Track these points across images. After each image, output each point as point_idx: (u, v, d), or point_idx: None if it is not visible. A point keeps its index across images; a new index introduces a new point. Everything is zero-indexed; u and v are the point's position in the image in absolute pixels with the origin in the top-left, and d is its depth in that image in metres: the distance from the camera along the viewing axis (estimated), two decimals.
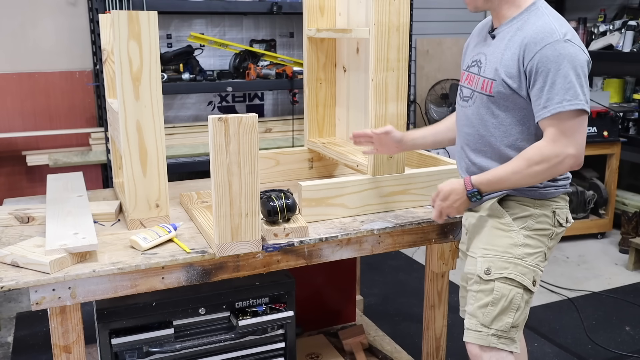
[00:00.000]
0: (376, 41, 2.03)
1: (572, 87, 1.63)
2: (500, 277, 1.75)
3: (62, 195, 2.17)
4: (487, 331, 1.76)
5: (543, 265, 1.80)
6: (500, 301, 1.75)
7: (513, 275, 1.74)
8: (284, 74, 4.23)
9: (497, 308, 1.75)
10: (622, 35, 4.54)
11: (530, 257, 1.76)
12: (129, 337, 1.98)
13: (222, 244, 1.77)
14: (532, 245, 1.77)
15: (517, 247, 1.76)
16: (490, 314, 1.75)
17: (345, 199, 2.08)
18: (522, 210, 1.78)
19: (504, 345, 1.75)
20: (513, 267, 1.75)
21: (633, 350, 2.97)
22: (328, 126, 2.63)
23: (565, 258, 4.14)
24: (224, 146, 1.70)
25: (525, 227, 1.77)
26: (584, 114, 1.66)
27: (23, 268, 1.67)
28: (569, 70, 1.63)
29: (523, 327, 1.84)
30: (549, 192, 1.78)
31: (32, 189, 4.38)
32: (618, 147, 4.35)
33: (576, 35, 1.70)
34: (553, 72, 1.64)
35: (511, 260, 1.75)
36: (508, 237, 1.77)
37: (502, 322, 1.75)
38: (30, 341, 3.06)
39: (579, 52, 1.66)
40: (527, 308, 1.80)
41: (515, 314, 1.75)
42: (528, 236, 1.77)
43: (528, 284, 1.75)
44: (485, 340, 1.76)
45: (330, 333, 2.82)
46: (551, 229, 1.79)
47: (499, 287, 1.75)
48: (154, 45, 1.87)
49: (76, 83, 4.42)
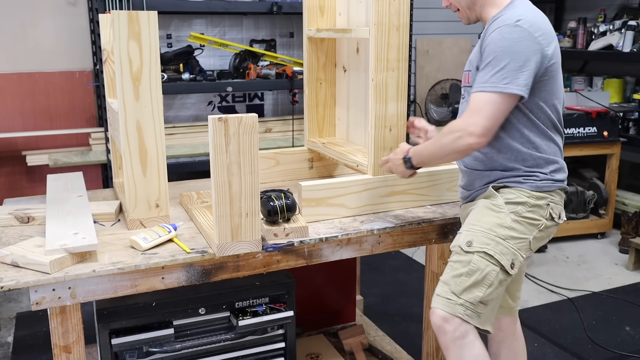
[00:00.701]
0: (376, 41, 2.03)
1: (499, 70, 1.67)
2: (480, 251, 1.77)
3: (62, 195, 2.17)
4: (456, 300, 1.76)
5: (526, 254, 1.82)
6: (475, 273, 1.76)
7: (492, 252, 1.76)
8: (284, 74, 4.23)
9: (470, 279, 1.76)
10: (622, 35, 4.54)
11: (514, 240, 1.78)
12: (129, 337, 1.98)
13: (222, 244, 1.77)
14: (518, 230, 1.79)
15: (503, 227, 1.78)
16: (462, 284, 1.76)
17: (345, 199, 2.08)
18: (516, 197, 1.80)
19: (469, 317, 1.75)
20: (494, 245, 1.77)
21: (633, 350, 2.97)
22: (328, 126, 2.63)
23: (565, 258, 4.14)
24: (224, 146, 1.70)
25: (515, 212, 1.79)
26: (502, 97, 1.68)
27: (23, 268, 1.67)
28: (503, 54, 1.68)
29: (494, 310, 1.83)
30: (545, 185, 1.81)
31: (32, 189, 4.38)
32: (618, 147, 4.35)
33: (535, 23, 1.72)
34: (490, 53, 1.70)
35: (494, 238, 1.78)
36: (496, 217, 1.80)
37: (472, 294, 1.76)
38: (30, 341, 3.06)
39: (525, 38, 1.68)
40: (501, 289, 1.80)
41: (487, 289, 1.75)
42: (516, 221, 1.79)
43: (506, 264, 1.77)
44: (451, 309, 1.75)
45: (330, 333, 2.82)
46: (541, 221, 1.81)
47: (476, 260, 1.76)
48: (154, 45, 1.87)
49: (76, 83, 4.42)
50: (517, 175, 1.82)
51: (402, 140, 2.16)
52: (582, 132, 4.19)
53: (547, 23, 1.78)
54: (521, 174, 1.82)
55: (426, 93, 5.49)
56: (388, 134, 2.12)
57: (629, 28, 4.48)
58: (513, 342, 2.11)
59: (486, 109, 1.69)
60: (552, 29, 1.79)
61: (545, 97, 1.79)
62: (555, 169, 1.85)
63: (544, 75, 1.75)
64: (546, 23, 1.77)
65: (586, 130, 4.20)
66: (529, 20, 1.71)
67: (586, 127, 4.20)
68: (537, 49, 1.70)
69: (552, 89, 1.80)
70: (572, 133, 4.17)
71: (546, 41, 1.72)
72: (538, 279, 3.76)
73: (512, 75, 1.67)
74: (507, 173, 1.84)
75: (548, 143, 1.83)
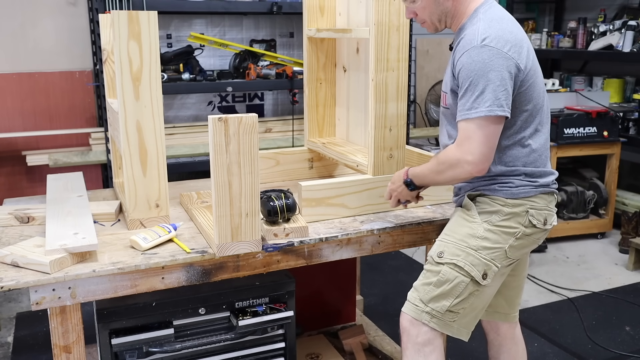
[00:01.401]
0: (376, 41, 2.03)
1: (479, 94, 1.66)
2: (450, 262, 1.79)
3: (62, 195, 2.17)
4: (423, 307, 1.80)
5: (502, 263, 1.80)
6: (444, 284, 1.78)
7: (462, 263, 1.77)
8: (284, 74, 4.23)
9: (438, 290, 1.79)
10: (622, 35, 4.54)
11: (486, 250, 1.78)
12: (129, 337, 1.98)
13: (222, 244, 1.77)
14: (492, 239, 1.78)
15: (475, 238, 1.79)
16: (430, 293, 1.80)
17: (345, 199, 2.08)
18: (490, 206, 1.81)
19: (436, 325, 1.79)
20: (465, 256, 1.78)
21: (633, 350, 2.97)
22: (328, 126, 2.63)
23: (565, 258, 4.14)
24: (224, 146, 1.70)
25: (488, 221, 1.79)
26: (488, 120, 1.67)
27: (23, 268, 1.67)
28: (478, 77, 1.66)
29: (475, 318, 1.85)
30: (522, 192, 1.79)
31: (32, 189, 4.38)
32: (618, 147, 4.35)
33: (500, 37, 1.68)
34: (465, 78, 1.68)
35: (464, 249, 1.78)
36: (468, 227, 1.81)
37: (439, 303, 1.79)
38: (30, 341, 3.06)
39: (495, 57, 1.66)
40: (477, 300, 1.81)
41: (454, 300, 1.77)
42: (489, 230, 1.78)
43: (476, 275, 1.77)
44: (418, 315, 1.81)
45: (330, 333, 2.82)
46: (518, 228, 1.79)
47: (445, 271, 1.79)
48: (154, 45, 1.87)
49: (76, 83, 4.42)
50: (493, 183, 1.82)
51: (402, 140, 2.16)
52: (582, 132, 4.19)
53: (513, 30, 1.73)
54: (496, 182, 1.81)
55: (426, 93, 5.49)
56: (388, 134, 2.12)
57: (629, 28, 4.48)
58: (512, 347, 2.11)
59: (477, 135, 1.68)
60: (518, 33, 1.74)
61: (521, 105, 1.76)
62: (535, 174, 1.80)
63: (522, 86, 1.73)
64: (511, 31, 1.72)
65: (586, 130, 4.20)
66: (494, 37, 1.68)
67: (586, 127, 4.20)
68: (510, 65, 1.68)
69: (531, 95, 1.76)
70: (572, 133, 4.17)
71: (517, 52, 1.69)
72: (538, 279, 3.76)
73: (493, 96, 1.66)
74: (483, 181, 1.84)
75: (522, 149, 1.79)
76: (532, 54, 1.78)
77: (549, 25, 5.84)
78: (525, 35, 1.79)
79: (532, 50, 1.79)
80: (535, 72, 1.78)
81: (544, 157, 1.84)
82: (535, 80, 1.77)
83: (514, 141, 1.79)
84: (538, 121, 1.80)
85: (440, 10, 1.85)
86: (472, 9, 1.81)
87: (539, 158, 1.81)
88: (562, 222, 4.30)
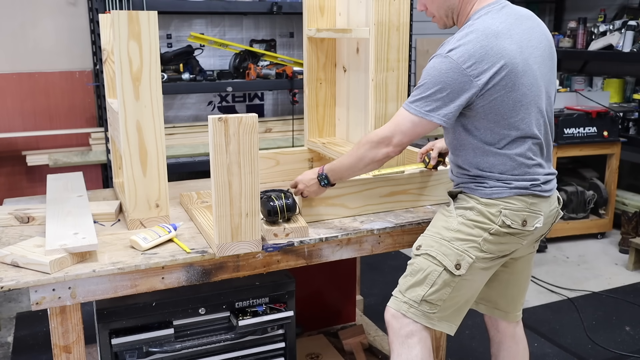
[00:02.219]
0: (376, 41, 2.03)
1: (425, 96, 1.74)
2: (424, 253, 1.85)
3: (62, 195, 2.17)
4: (401, 297, 1.85)
5: (479, 255, 1.81)
6: (417, 273, 1.84)
7: (435, 253, 1.82)
8: (284, 74, 4.23)
9: (413, 279, 1.84)
10: (622, 35, 4.54)
11: (459, 241, 1.82)
12: (129, 337, 1.98)
13: (222, 244, 1.77)
14: (465, 232, 1.82)
15: (449, 230, 1.84)
16: (406, 283, 1.86)
17: (345, 199, 2.08)
18: (466, 203, 1.86)
19: (413, 315, 1.83)
20: (438, 247, 1.83)
21: (633, 350, 2.97)
22: (328, 126, 2.63)
23: (565, 258, 4.14)
24: (224, 146, 1.70)
25: (462, 215, 1.84)
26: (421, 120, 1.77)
27: (23, 268, 1.67)
28: (432, 82, 1.73)
29: (457, 312, 1.87)
30: (494, 192, 1.81)
31: (32, 189, 4.38)
32: (618, 147, 4.35)
33: (468, 51, 1.69)
34: (423, 78, 1.78)
35: (438, 240, 1.84)
36: (444, 221, 1.87)
37: (414, 292, 1.83)
38: (30, 341, 3.06)
39: (452, 69, 1.71)
40: (454, 292, 1.82)
41: (429, 289, 1.81)
42: (462, 223, 1.83)
43: (449, 264, 1.80)
44: (397, 306, 1.86)
45: (330, 333, 2.82)
46: (491, 226, 1.80)
47: (419, 261, 1.85)
48: (154, 45, 1.87)
49: (76, 83, 4.42)
50: (471, 182, 1.86)
51: None
52: (582, 132, 4.19)
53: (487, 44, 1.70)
54: (474, 182, 1.86)
55: None
56: None
57: (629, 28, 4.48)
58: (512, 346, 2.11)
59: (407, 126, 1.79)
60: (494, 47, 1.69)
61: (498, 116, 1.75)
62: (510, 178, 1.80)
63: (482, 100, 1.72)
64: (485, 46, 1.69)
65: (586, 130, 4.20)
66: (461, 50, 1.69)
67: (586, 127, 4.20)
68: (464, 81, 1.70)
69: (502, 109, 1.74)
70: (572, 133, 4.17)
71: (479, 69, 1.69)
72: (538, 279, 3.76)
73: (435, 104, 1.74)
74: (464, 179, 1.89)
75: (499, 158, 1.79)
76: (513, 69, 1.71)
77: (549, 25, 5.84)
78: (512, 48, 1.72)
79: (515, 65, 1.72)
80: (514, 86, 1.73)
81: (528, 163, 1.81)
82: (509, 96, 1.73)
83: (488, 150, 1.80)
84: (515, 134, 1.78)
85: (447, 6, 1.87)
86: (474, 11, 1.82)
87: (519, 165, 1.80)
88: (562, 222, 4.30)
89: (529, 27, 1.81)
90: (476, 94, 1.72)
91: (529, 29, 1.80)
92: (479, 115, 1.77)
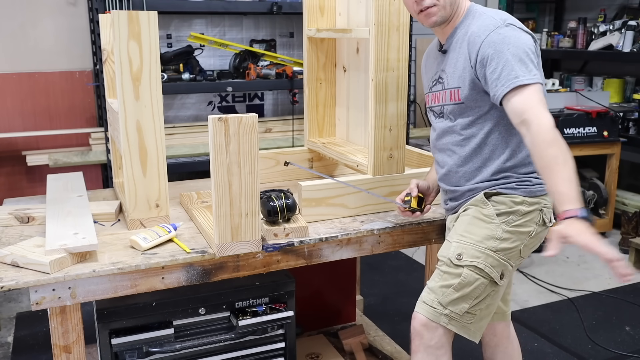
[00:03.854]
0: (376, 41, 2.03)
1: (522, 64, 1.67)
2: (470, 264, 1.76)
3: (62, 195, 2.17)
4: (442, 310, 1.77)
5: (516, 262, 1.81)
6: (464, 287, 1.75)
7: (483, 265, 1.75)
8: (284, 74, 4.23)
9: (458, 292, 1.76)
10: (622, 35, 4.54)
11: (504, 252, 1.77)
12: (129, 337, 1.98)
13: (222, 244, 1.77)
14: (509, 240, 1.77)
15: (494, 239, 1.77)
16: (450, 296, 1.76)
17: (345, 199, 2.08)
18: (507, 207, 1.78)
19: (453, 327, 1.77)
20: (485, 258, 1.76)
21: (633, 350, 2.97)
22: (328, 126, 2.63)
23: (565, 258, 4.14)
24: (224, 146, 1.70)
25: (506, 222, 1.77)
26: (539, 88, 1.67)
27: (23, 268, 1.67)
28: (517, 49, 1.68)
29: (488, 319, 1.84)
30: (539, 189, 1.79)
31: (32, 189, 4.38)
32: (618, 147, 4.35)
33: (516, 21, 1.78)
34: (504, 52, 1.68)
35: (484, 250, 1.76)
36: (487, 229, 1.78)
37: (458, 306, 1.76)
38: (30, 341, 3.06)
39: (522, 34, 1.73)
40: (491, 300, 1.80)
41: (474, 301, 1.76)
42: (507, 231, 1.77)
43: (495, 276, 1.76)
44: (436, 317, 1.77)
45: (330, 333, 2.82)
46: (532, 228, 1.79)
47: (466, 273, 1.76)
48: (154, 45, 1.87)
49: (76, 83, 4.42)
50: (510, 181, 1.80)
51: (402, 140, 2.16)
52: (582, 132, 4.19)
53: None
54: (514, 180, 1.79)
55: None
56: (388, 134, 2.12)
57: (629, 28, 4.48)
58: (508, 346, 2.11)
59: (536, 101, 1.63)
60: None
61: None
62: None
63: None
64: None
65: (586, 130, 4.20)
66: (514, 20, 1.78)
67: (586, 127, 4.20)
68: (532, 42, 1.75)
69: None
70: (572, 133, 4.17)
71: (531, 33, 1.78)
72: (538, 279, 3.76)
73: (532, 66, 1.68)
74: (499, 180, 1.81)
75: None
76: None
77: (549, 25, 5.84)
78: None
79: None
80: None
81: None
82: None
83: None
84: None
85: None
86: (465, 9, 1.85)
87: None
88: None
89: None
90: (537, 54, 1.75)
91: None
92: None
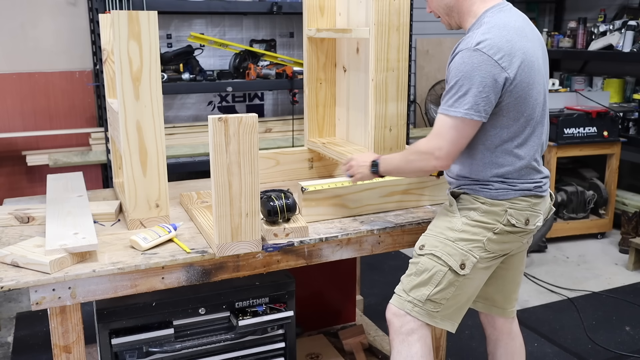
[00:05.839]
0: (376, 41, 2.03)
1: (461, 95, 1.71)
2: (429, 253, 1.85)
3: (62, 195, 2.17)
4: (405, 297, 1.86)
5: (482, 255, 1.84)
6: (422, 273, 1.84)
7: (440, 253, 1.83)
8: (284, 74, 4.23)
9: (418, 278, 1.85)
10: (622, 35, 4.54)
11: (464, 242, 1.83)
12: (129, 337, 1.98)
13: (222, 244, 1.77)
14: (469, 232, 1.83)
15: (453, 230, 1.85)
16: (411, 282, 1.86)
17: (345, 199, 2.08)
18: (469, 203, 1.86)
19: (417, 314, 1.84)
20: (442, 247, 1.84)
21: (633, 350, 2.97)
22: (328, 126, 2.63)
23: (565, 258, 4.14)
24: (224, 146, 1.70)
25: (466, 216, 1.85)
26: (463, 121, 1.72)
27: (23, 268, 1.67)
28: (465, 79, 1.70)
29: (460, 310, 1.89)
30: (500, 194, 1.82)
31: (32, 189, 4.38)
32: (618, 147, 4.35)
33: (495, 44, 1.69)
34: (453, 77, 1.73)
35: (442, 240, 1.85)
36: (447, 221, 1.88)
37: (419, 292, 1.84)
38: (30, 341, 3.06)
39: (484, 63, 1.68)
40: (459, 290, 1.84)
41: (434, 288, 1.82)
42: (466, 224, 1.84)
43: (454, 264, 1.82)
44: (400, 304, 1.87)
45: (330, 333, 2.82)
46: (495, 225, 1.82)
47: (424, 261, 1.85)
48: (154, 45, 1.87)
49: (76, 83, 4.42)
50: (475, 184, 1.86)
51: (402, 140, 2.16)
52: (582, 132, 4.19)
53: (511, 39, 1.72)
54: (478, 183, 1.85)
55: (426, 93, 5.49)
56: (388, 134, 2.12)
57: (629, 28, 4.48)
58: (509, 342, 2.12)
59: (450, 134, 1.74)
60: (517, 42, 1.72)
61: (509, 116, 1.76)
62: (515, 180, 1.82)
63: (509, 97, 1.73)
64: (509, 40, 1.71)
65: (586, 130, 4.20)
66: (489, 43, 1.69)
67: (586, 127, 4.20)
68: (497, 73, 1.69)
69: (522, 108, 1.76)
70: (572, 133, 4.17)
71: (508, 62, 1.70)
72: (538, 279, 3.76)
73: (473, 101, 1.69)
74: (467, 181, 1.88)
75: (508, 158, 1.81)
76: (530, 67, 1.75)
77: (549, 25, 5.84)
78: (529, 46, 1.76)
79: (532, 63, 1.75)
80: (531, 84, 1.76)
81: (532, 165, 1.84)
82: (529, 93, 1.76)
83: (500, 150, 1.80)
84: (528, 132, 1.81)
85: (445, 4, 1.88)
86: (480, 11, 1.82)
87: (525, 167, 1.82)
88: (562, 222, 4.30)
89: (534, 27, 1.87)
90: (507, 89, 1.72)
91: (534, 29, 1.87)
92: (502, 112, 1.75)
